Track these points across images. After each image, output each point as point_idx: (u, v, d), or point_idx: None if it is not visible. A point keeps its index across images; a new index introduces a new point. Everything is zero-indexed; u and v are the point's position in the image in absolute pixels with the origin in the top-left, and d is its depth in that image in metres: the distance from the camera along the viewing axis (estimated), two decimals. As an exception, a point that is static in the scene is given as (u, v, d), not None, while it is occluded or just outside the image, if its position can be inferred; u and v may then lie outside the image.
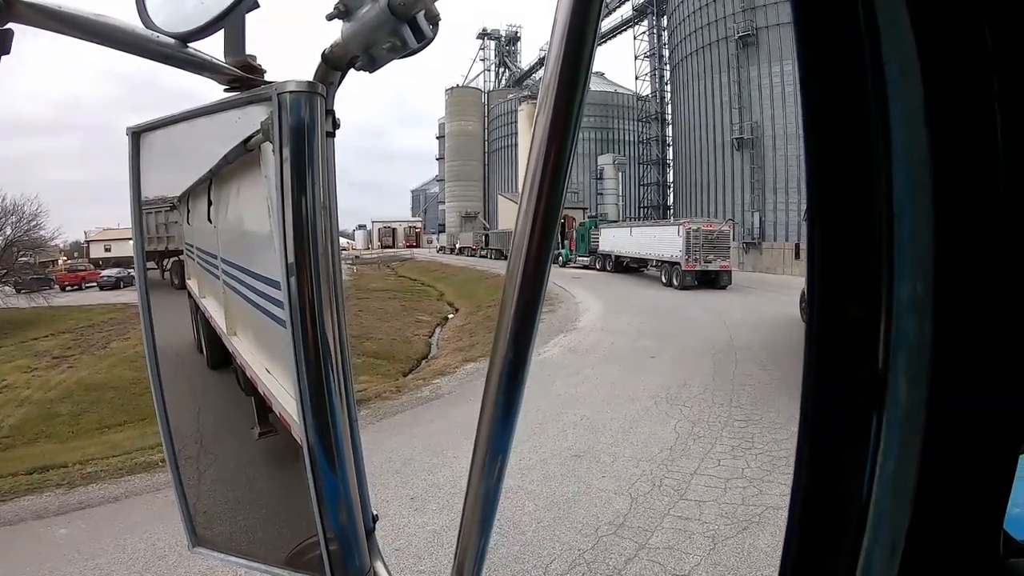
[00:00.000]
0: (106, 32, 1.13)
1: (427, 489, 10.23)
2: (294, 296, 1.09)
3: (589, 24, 0.80)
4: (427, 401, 16.49)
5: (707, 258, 40.05)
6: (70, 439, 17.79)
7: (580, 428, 12.91)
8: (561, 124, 0.82)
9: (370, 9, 1.09)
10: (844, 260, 0.63)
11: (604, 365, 18.95)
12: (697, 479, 10.24)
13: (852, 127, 0.59)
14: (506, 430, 0.95)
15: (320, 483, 1.13)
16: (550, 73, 0.82)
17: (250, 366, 1.52)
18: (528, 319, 0.89)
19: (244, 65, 1.25)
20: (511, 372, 0.91)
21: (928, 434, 0.59)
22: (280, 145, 1.08)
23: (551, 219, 0.85)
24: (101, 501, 11.09)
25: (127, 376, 23.68)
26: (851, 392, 0.63)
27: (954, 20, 0.54)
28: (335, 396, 1.13)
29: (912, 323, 0.58)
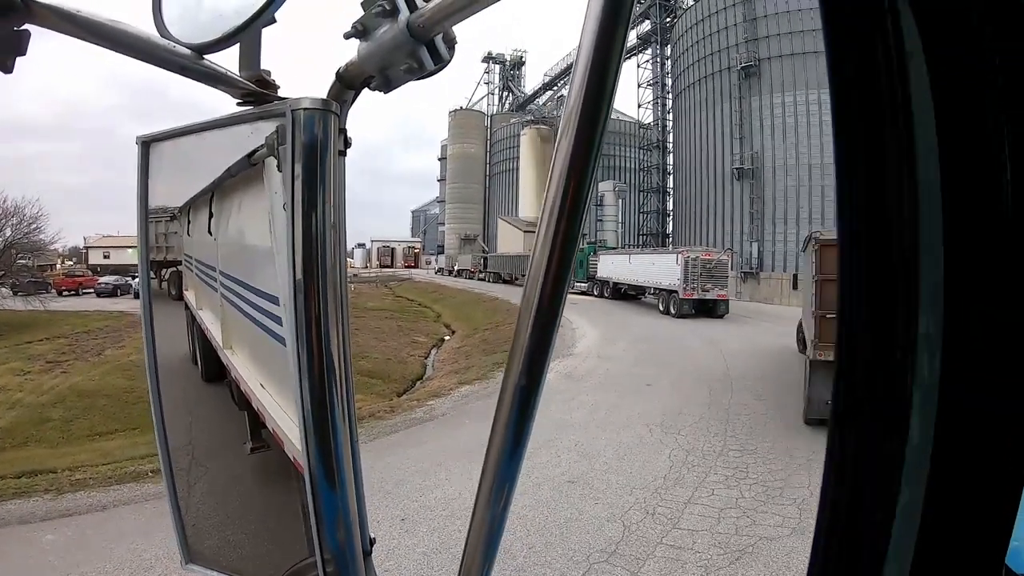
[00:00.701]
0: (122, 39, 1.13)
1: (418, 511, 10.17)
2: (300, 313, 1.08)
3: (612, 59, 0.80)
4: (421, 422, 16.43)
5: (705, 287, 40.08)
6: (60, 444, 17.73)
7: (574, 454, 12.86)
8: (582, 155, 0.83)
9: (388, 30, 1.09)
10: (872, 297, 0.62)
11: (599, 392, 18.91)
12: (691, 508, 10.20)
13: (881, 159, 0.59)
14: (515, 459, 0.94)
15: (320, 503, 1.11)
16: (572, 104, 0.82)
17: (245, 380, 1.51)
18: (542, 349, 0.89)
19: (258, 79, 1.24)
20: (523, 401, 0.91)
21: (934, 469, 0.58)
22: (292, 161, 1.07)
23: (568, 250, 0.85)
24: (89, 509, 11.03)
25: (120, 384, 23.65)
26: (878, 434, 0.62)
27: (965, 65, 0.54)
28: (338, 416, 1.12)
29: (924, 360, 0.58)
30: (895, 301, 0.58)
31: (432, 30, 1.08)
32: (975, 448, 0.57)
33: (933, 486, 0.58)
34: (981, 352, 0.56)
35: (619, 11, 0.80)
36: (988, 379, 0.56)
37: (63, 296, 63.45)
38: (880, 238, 0.59)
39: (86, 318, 44.06)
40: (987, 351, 0.56)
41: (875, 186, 0.60)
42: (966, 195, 0.55)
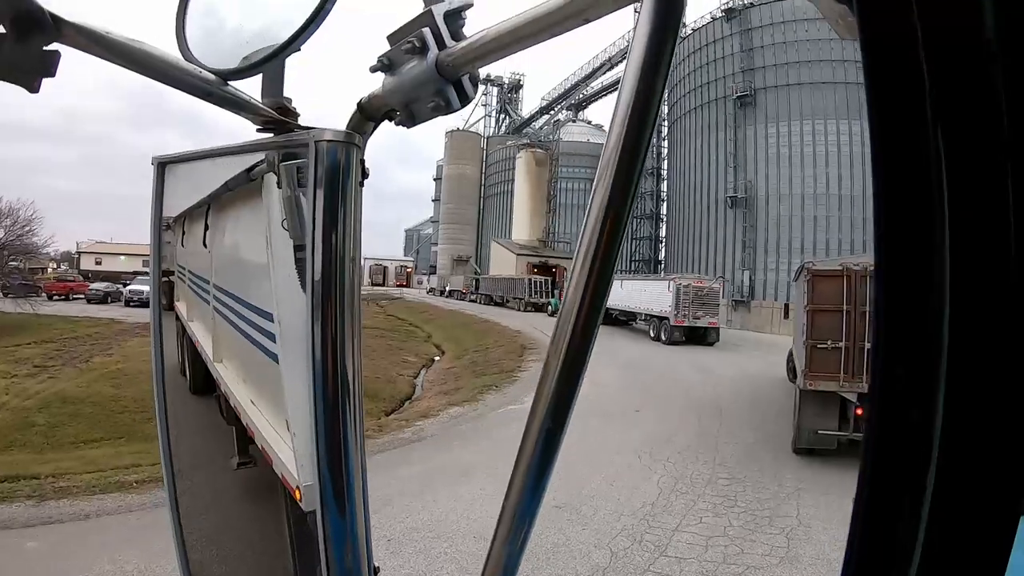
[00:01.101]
0: (149, 63, 1.12)
1: (405, 532, 10.10)
2: (317, 347, 1.08)
3: (650, 110, 0.81)
4: (408, 443, 16.35)
5: (696, 314, 40.13)
6: (45, 450, 17.55)
7: (562, 479, 12.75)
8: (618, 201, 0.83)
9: (416, 66, 1.10)
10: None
11: (588, 417, 18.83)
12: (679, 536, 10.15)
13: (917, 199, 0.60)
14: (535, 499, 0.94)
15: (328, 528, 1.10)
16: (610, 152, 0.83)
17: (234, 395, 1.50)
18: (569, 392, 0.89)
19: (280, 107, 1.25)
20: (547, 443, 0.91)
21: (933, 505, 0.58)
22: (313, 193, 1.07)
23: (600, 295, 0.86)
24: (72, 517, 10.95)
25: (107, 392, 23.48)
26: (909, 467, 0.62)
27: None
28: (351, 441, 1.11)
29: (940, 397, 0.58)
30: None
31: (461, 70, 1.09)
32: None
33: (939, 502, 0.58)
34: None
35: (658, 67, 0.81)
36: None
37: (53, 300, 62.85)
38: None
39: (75, 324, 43.75)
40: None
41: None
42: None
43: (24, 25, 0.95)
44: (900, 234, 0.60)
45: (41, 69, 1.01)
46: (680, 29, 0.83)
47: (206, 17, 1.32)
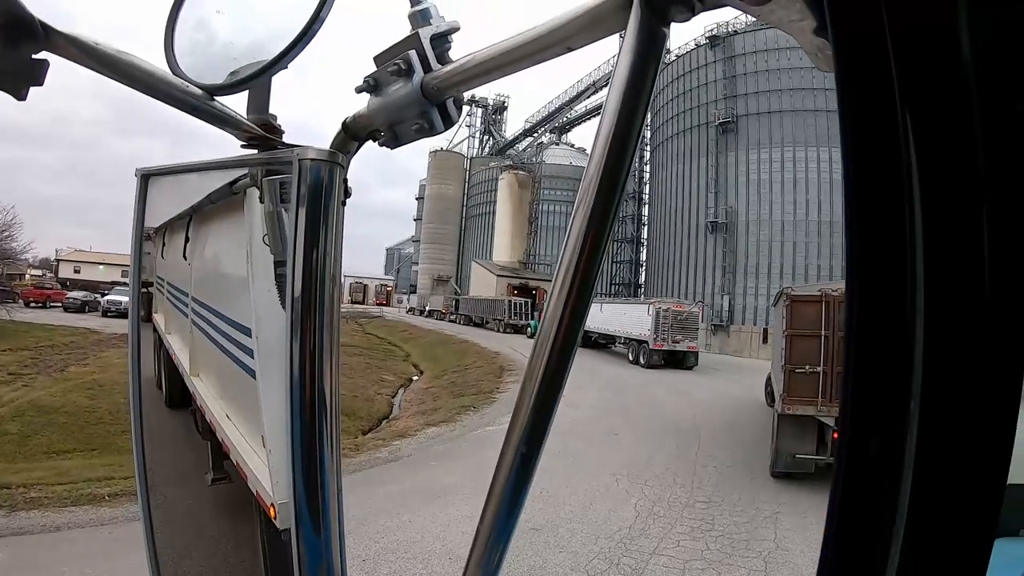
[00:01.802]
0: (137, 76, 1.13)
1: (379, 552, 10.01)
2: (295, 361, 1.08)
3: (631, 136, 0.83)
4: (385, 462, 16.22)
5: (675, 338, 40.25)
6: (16, 459, 17.25)
7: (539, 502, 12.71)
8: (597, 224, 0.84)
9: (401, 88, 1.11)
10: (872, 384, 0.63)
11: (566, 439, 18.80)
12: (656, 559, 10.12)
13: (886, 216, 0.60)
14: (509, 523, 0.94)
15: (302, 545, 1.10)
16: (591, 176, 0.84)
17: (210, 410, 1.49)
18: (544, 417, 0.90)
19: (265, 124, 1.26)
20: (522, 467, 0.91)
21: (911, 517, 0.58)
22: (296, 209, 1.08)
23: (577, 322, 0.87)
24: (42, 529, 10.80)
25: (82, 403, 23.17)
26: (878, 487, 0.62)
27: None
28: (327, 460, 1.10)
29: (914, 415, 0.59)
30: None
31: (445, 93, 1.10)
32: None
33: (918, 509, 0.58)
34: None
35: (640, 93, 0.82)
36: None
37: (30, 307, 62.30)
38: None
39: (52, 332, 43.12)
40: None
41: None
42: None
43: (14, 33, 0.96)
44: (871, 256, 0.61)
45: (29, 77, 1.01)
46: (663, 57, 0.84)
47: (195, 32, 1.33)
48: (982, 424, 0.56)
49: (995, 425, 0.56)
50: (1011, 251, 0.55)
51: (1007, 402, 0.56)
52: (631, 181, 59.84)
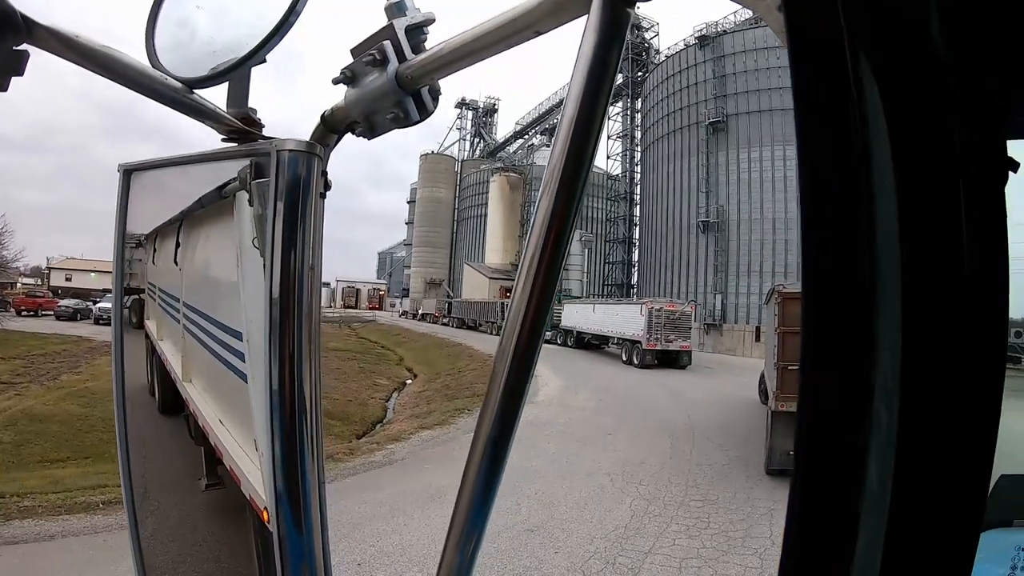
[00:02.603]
0: (118, 68, 1.14)
1: (375, 556, 9.99)
2: (275, 355, 1.08)
3: (595, 120, 0.83)
4: (380, 466, 16.23)
5: (668, 338, 40.31)
6: (10, 469, 17.12)
7: (534, 502, 12.74)
8: (562, 211, 0.85)
9: (376, 78, 1.11)
10: (830, 347, 0.63)
11: (561, 440, 18.83)
12: (652, 558, 10.13)
13: (840, 196, 0.60)
14: (484, 507, 0.95)
15: (285, 546, 1.10)
16: (555, 162, 0.85)
17: (203, 415, 1.48)
18: (515, 400, 0.90)
19: (244, 117, 1.26)
20: (494, 451, 0.92)
21: (893, 515, 0.58)
22: (275, 201, 1.08)
23: (544, 305, 0.87)
24: (36, 537, 10.78)
25: (74, 411, 23.05)
26: (838, 482, 0.62)
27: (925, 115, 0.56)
28: (307, 459, 1.11)
29: (883, 408, 0.58)
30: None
31: (419, 82, 1.10)
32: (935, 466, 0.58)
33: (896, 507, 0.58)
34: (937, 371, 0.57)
35: (603, 76, 0.83)
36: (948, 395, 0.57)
37: (22, 316, 62.16)
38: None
39: (44, 340, 43.00)
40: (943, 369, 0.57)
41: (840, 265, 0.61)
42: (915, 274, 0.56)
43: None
44: (824, 248, 0.61)
45: (10, 68, 1.02)
46: (625, 41, 0.84)
47: (176, 27, 1.33)
48: (963, 417, 0.56)
49: (976, 416, 0.56)
50: (982, 233, 0.55)
51: (987, 393, 0.56)
52: (622, 182, 59.80)
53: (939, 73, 0.54)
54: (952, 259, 0.55)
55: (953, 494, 0.58)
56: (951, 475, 0.57)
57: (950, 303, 0.56)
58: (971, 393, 0.56)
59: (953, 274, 0.55)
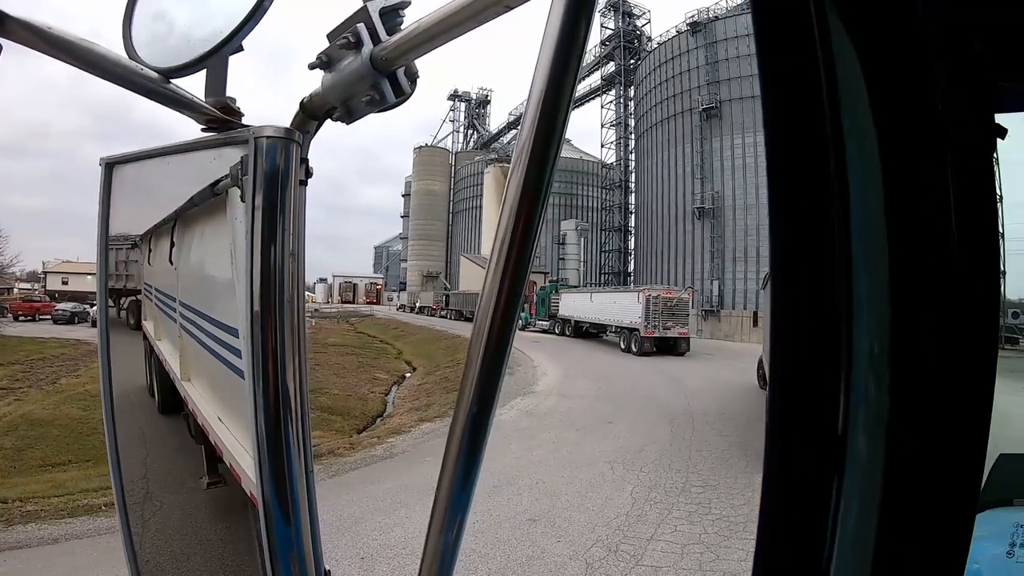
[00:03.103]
0: (92, 59, 1.13)
1: (378, 549, 10.00)
2: (257, 344, 1.07)
3: (563, 95, 0.83)
4: (381, 460, 16.24)
5: (666, 325, 40.36)
6: (11, 474, 17.09)
7: (535, 492, 12.77)
8: (532, 190, 0.85)
9: (352, 62, 1.10)
10: (804, 323, 0.63)
11: (560, 429, 18.86)
12: (654, 545, 10.15)
13: (814, 187, 0.60)
14: (467, 486, 0.95)
15: (272, 535, 1.10)
16: (524, 140, 0.85)
17: (202, 413, 1.48)
18: (493, 377, 0.90)
19: (223, 107, 1.25)
20: (474, 428, 0.92)
21: (887, 494, 0.58)
22: (253, 189, 1.07)
23: (519, 280, 0.88)
24: (40, 542, 10.75)
25: (75, 414, 23.02)
26: (813, 455, 0.62)
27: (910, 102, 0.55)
28: (292, 448, 1.10)
29: (871, 386, 0.58)
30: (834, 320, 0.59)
31: (394, 63, 1.10)
32: (924, 469, 0.58)
33: (885, 508, 0.58)
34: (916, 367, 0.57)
35: (571, 50, 0.83)
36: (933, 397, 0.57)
37: (19, 321, 62.24)
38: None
39: (42, 345, 42.97)
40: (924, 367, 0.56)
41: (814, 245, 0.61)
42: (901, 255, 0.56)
43: None
44: (795, 236, 0.61)
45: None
46: (594, 13, 0.84)
47: (154, 20, 1.33)
48: (957, 395, 0.56)
49: (971, 395, 0.56)
50: (972, 201, 0.55)
51: (981, 371, 0.56)
52: (616, 170, 59.67)
53: (919, 32, 0.54)
54: (940, 232, 0.55)
55: (948, 474, 0.58)
56: (945, 455, 0.57)
57: (939, 278, 0.55)
58: (965, 371, 0.56)
59: (942, 248, 0.55)
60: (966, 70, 0.55)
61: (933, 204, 0.55)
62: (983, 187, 0.56)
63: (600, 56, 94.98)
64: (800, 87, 0.59)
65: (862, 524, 0.60)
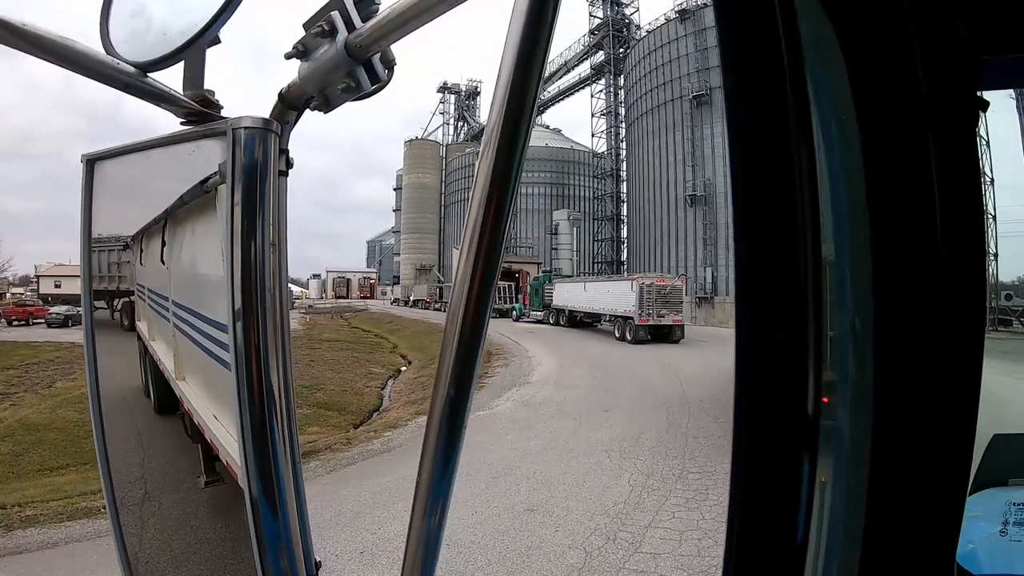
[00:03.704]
0: (67, 55, 1.13)
1: (377, 543, 10.00)
2: (239, 339, 1.08)
3: (531, 77, 0.83)
4: (378, 454, 16.24)
5: (660, 312, 40.44)
6: (9, 479, 17.03)
7: (533, 482, 12.80)
8: (503, 172, 0.85)
9: (327, 50, 1.10)
10: (771, 292, 0.62)
11: (557, 419, 18.89)
12: (652, 531, 10.18)
13: (777, 146, 0.60)
14: (448, 470, 0.96)
15: (261, 528, 1.11)
16: (492, 123, 0.85)
17: (197, 412, 1.48)
18: (469, 360, 0.90)
19: (202, 99, 1.25)
20: (452, 411, 0.92)
21: (875, 467, 0.59)
22: (232, 180, 1.08)
23: (492, 263, 0.88)
24: (40, 546, 10.76)
25: (71, 418, 22.95)
26: (782, 431, 0.62)
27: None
28: (278, 441, 1.11)
29: (852, 359, 0.58)
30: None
31: (369, 50, 1.10)
32: (912, 448, 0.58)
33: (875, 486, 0.58)
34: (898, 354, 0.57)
35: (539, 31, 0.82)
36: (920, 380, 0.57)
37: (13, 326, 62.10)
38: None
39: (37, 349, 42.84)
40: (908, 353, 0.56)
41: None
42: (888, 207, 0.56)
43: None
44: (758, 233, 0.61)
45: None
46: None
47: (132, 16, 1.33)
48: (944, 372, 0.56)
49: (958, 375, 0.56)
50: (955, 176, 0.54)
51: (968, 351, 0.56)
52: (608, 159, 59.52)
53: (897, 3, 0.53)
54: (924, 204, 0.55)
55: (937, 454, 0.58)
56: (934, 435, 0.58)
57: (924, 253, 0.55)
58: (952, 352, 0.57)
59: (926, 220, 0.55)
60: (947, 43, 0.55)
61: (916, 179, 0.55)
62: (966, 161, 0.56)
63: (589, 45, 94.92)
64: (766, 53, 0.59)
65: (850, 499, 0.60)
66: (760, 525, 0.66)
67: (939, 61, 0.54)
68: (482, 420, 18.74)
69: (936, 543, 0.60)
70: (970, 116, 0.57)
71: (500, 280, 15.21)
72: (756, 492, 0.65)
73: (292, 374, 1.16)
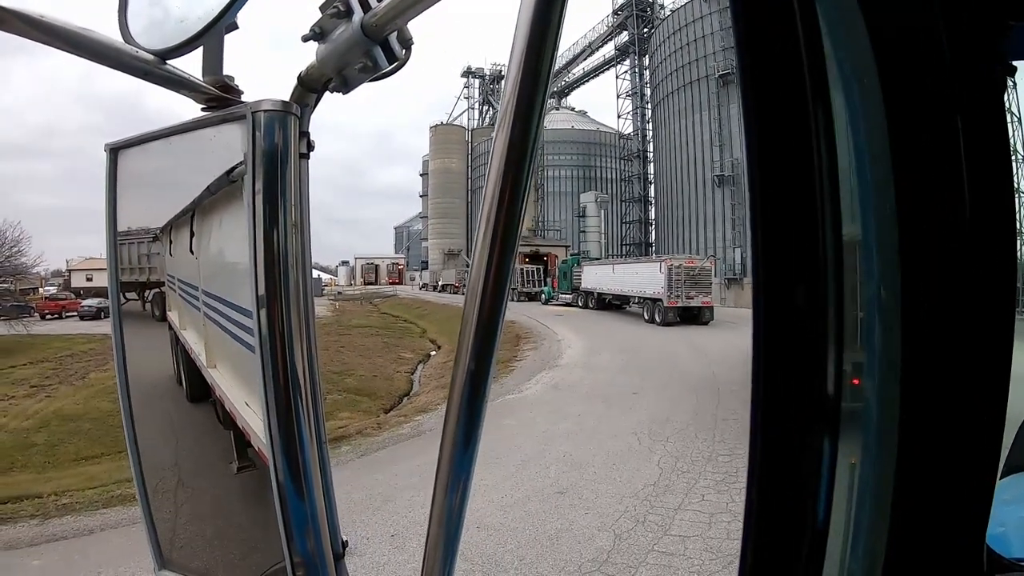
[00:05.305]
0: (86, 45, 1.13)
1: (408, 526, 10.09)
2: (264, 324, 1.09)
3: (545, 55, 0.83)
4: (408, 438, 16.35)
5: (689, 294, 40.24)
6: (46, 469, 17.33)
7: (562, 465, 12.83)
8: (519, 149, 0.86)
9: (344, 31, 1.11)
10: (790, 269, 0.62)
11: (586, 402, 18.89)
12: (681, 514, 10.18)
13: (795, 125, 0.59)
14: (469, 447, 0.95)
15: (287, 509, 1.12)
16: (507, 101, 0.86)
17: (229, 399, 1.50)
18: (489, 335, 0.91)
19: (221, 85, 1.26)
20: (473, 387, 0.93)
21: (904, 449, 0.58)
22: (253, 164, 1.09)
23: (510, 240, 0.89)
24: (76, 533, 10.94)
25: (105, 408, 23.23)
26: (799, 409, 0.62)
27: None
28: (304, 424, 1.12)
29: (879, 340, 0.58)
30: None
31: (385, 29, 1.10)
32: (941, 438, 0.58)
33: (903, 477, 0.58)
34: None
35: (551, 6, 0.82)
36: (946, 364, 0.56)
37: (46, 320, 62.92)
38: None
39: (70, 341, 43.42)
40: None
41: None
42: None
43: None
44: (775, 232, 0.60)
45: None
46: None
47: (150, 5, 1.34)
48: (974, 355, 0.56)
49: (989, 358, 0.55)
50: (983, 144, 0.53)
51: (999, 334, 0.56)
52: (634, 140, 59.00)
53: None
54: (950, 173, 0.54)
55: (967, 437, 0.58)
56: (964, 418, 0.57)
57: (951, 234, 0.55)
58: (981, 331, 0.56)
59: (952, 188, 0.54)
60: (972, 8, 0.54)
61: (942, 152, 0.54)
62: (995, 132, 0.55)
63: (613, 26, 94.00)
64: (782, 23, 0.58)
65: (880, 478, 0.60)
66: (780, 509, 0.66)
67: (964, 27, 0.53)
68: (511, 404, 18.81)
69: (966, 526, 0.59)
70: (998, 84, 0.56)
71: (529, 263, 15.25)
72: (775, 476, 0.65)
73: (317, 357, 1.17)
